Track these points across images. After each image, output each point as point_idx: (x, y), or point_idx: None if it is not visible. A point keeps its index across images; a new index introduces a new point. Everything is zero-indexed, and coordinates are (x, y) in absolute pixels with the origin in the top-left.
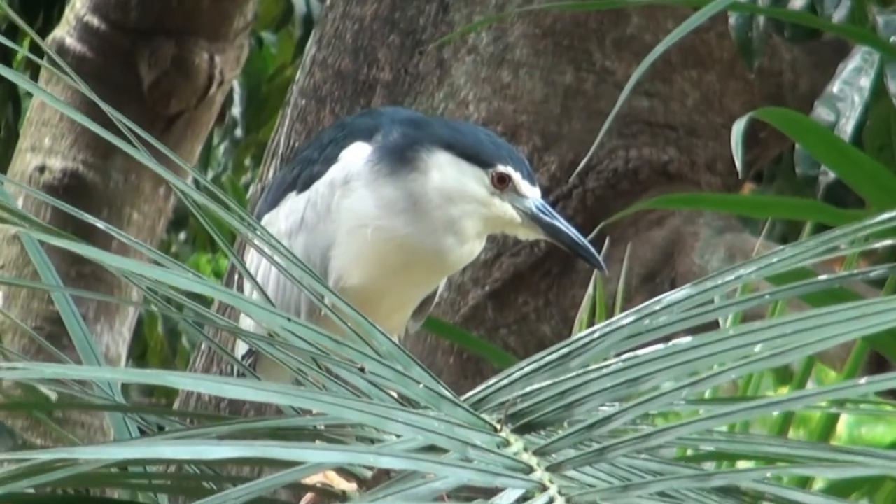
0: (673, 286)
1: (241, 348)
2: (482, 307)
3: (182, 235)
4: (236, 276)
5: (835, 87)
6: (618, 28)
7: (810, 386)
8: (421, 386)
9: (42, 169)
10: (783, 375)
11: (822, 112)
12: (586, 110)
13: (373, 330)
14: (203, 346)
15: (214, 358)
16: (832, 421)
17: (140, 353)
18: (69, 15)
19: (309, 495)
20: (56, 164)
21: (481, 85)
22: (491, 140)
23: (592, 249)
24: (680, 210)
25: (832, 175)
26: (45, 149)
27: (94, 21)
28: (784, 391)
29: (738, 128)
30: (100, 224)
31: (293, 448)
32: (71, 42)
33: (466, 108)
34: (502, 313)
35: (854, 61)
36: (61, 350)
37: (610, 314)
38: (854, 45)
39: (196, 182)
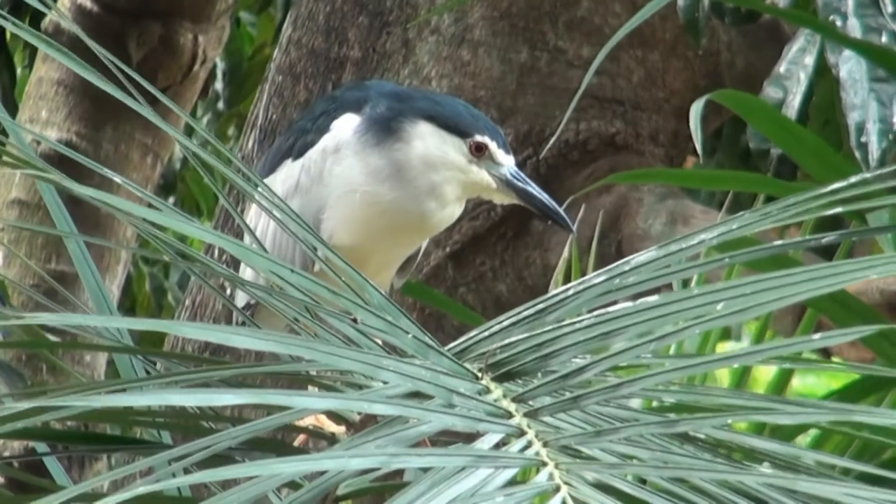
0: (619, 248)
1: (240, 299)
2: (443, 266)
3: (171, 200)
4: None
5: (781, 68)
6: (569, 10)
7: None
8: (410, 336)
9: (39, 140)
10: (724, 334)
11: (770, 91)
12: (539, 86)
13: (364, 283)
14: (187, 302)
15: (197, 313)
16: (786, 377)
17: (129, 307)
18: None
19: (301, 437)
20: (52, 134)
21: (443, 63)
22: (469, 112)
23: (562, 212)
24: None
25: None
26: (42, 121)
27: (87, 4)
28: (726, 346)
29: (696, 109)
30: (115, 176)
31: (291, 396)
32: (66, 23)
33: (429, 84)
34: (461, 272)
35: (798, 42)
36: (59, 305)
37: (567, 274)
38: (791, 27)
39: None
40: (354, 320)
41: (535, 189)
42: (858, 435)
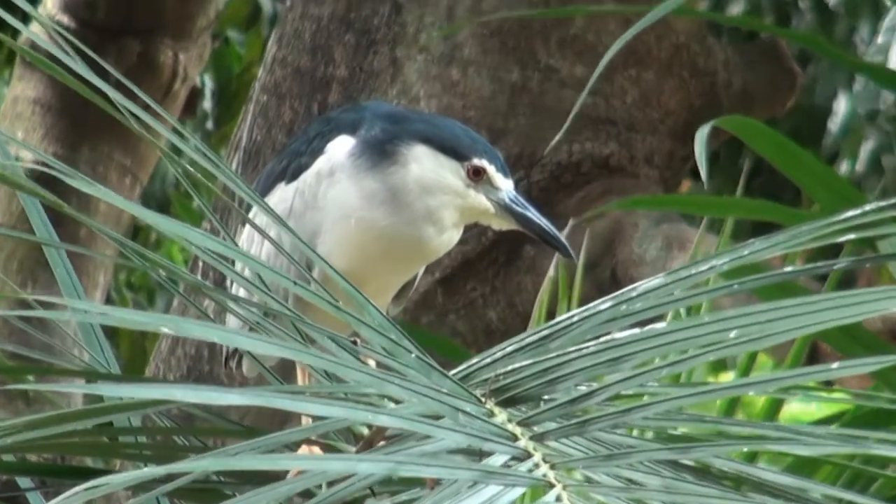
0: (614, 274)
1: (231, 322)
2: (432, 293)
3: None
4: (200, 263)
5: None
6: (561, 28)
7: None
8: (413, 356)
9: (16, 160)
10: (717, 365)
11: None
12: (531, 106)
13: (366, 303)
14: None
15: (179, 341)
16: (778, 403)
17: (110, 333)
18: (41, 14)
19: (295, 469)
20: (28, 155)
21: (432, 82)
22: (467, 134)
23: (562, 238)
24: (620, 201)
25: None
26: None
27: (65, 20)
28: (724, 378)
29: (701, 136)
30: (98, 190)
31: (297, 400)
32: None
33: (418, 104)
34: (451, 299)
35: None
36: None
37: (554, 300)
38: (791, 47)
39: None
40: (354, 342)
41: (534, 214)
42: (849, 465)
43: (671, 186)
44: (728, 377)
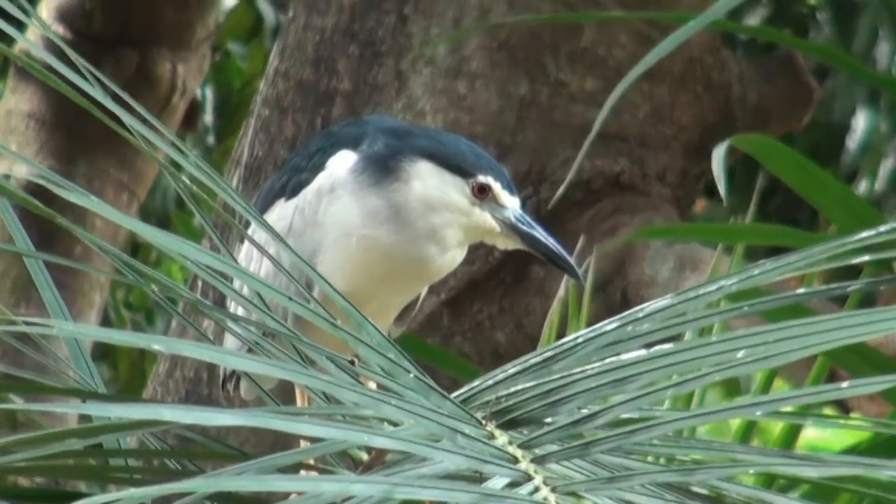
0: (625, 295)
1: (229, 341)
2: (438, 314)
3: None
4: (200, 283)
5: None
6: (572, 41)
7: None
8: (412, 375)
9: (8, 176)
10: (731, 389)
11: None
12: (540, 121)
13: (364, 322)
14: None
15: (178, 363)
16: (797, 429)
17: (104, 354)
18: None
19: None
20: (22, 170)
21: (438, 96)
22: (471, 150)
23: (570, 259)
24: (632, 221)
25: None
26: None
27: (60, 30)
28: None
29: (719, 156)
30: (105, 204)
31: (291, 420)
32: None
33: (423, 119)
34: (457, 320)
35: None
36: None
37: (564, 322)
38: (808, 59)
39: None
40: (352, 362)
41: (541, 233)
42: (867, 492)
43: (684, 205)
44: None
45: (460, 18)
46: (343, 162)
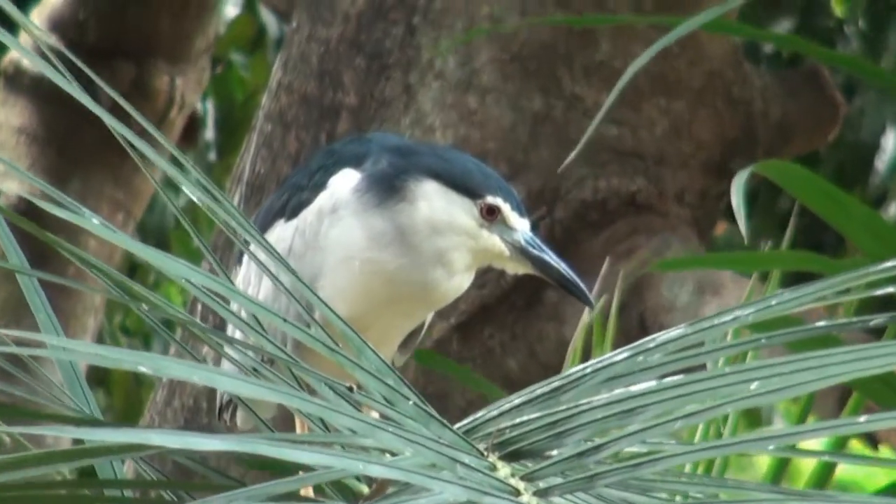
0: (642, 320)
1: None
2: (447, 340)
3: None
4: (199, 306)
5: None
6: (587, 53)
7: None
8: (411, 402)
9: None
10: (753, 420)
11: None
12: (555, 138)
13: (363, 347)
14: (164, 379)
15: (176, 390)
16: (830, 468)
17: (100, 380)
18: (26, 35)
19: None
20: (11, 188)
21: (448, 111)
22: (480, 170)
23: (581, 284)
24: (648, 243)
25: None
26: None
27: (52, 41)
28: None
29: (739, 185)
30: (88, 221)
31: (282, 447)
32: (28, 63)
33: (433, 135)
34: (468, 346)
35: None
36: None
37: (586, 349)
38: (833, 73)
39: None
40: (351, 388)
41: (552, 257)
42: None
43: (704, 226)
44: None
45: (471, 29)
46: (345, 181)
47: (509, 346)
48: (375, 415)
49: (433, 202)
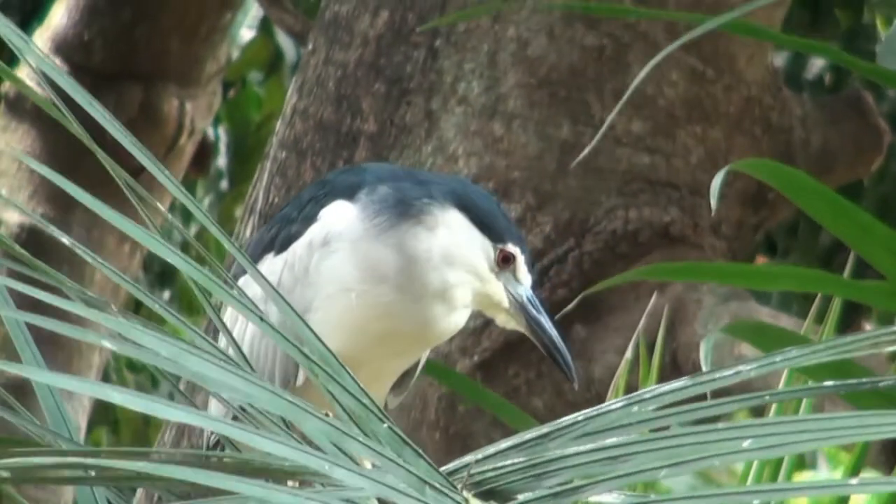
0: (674, 357)
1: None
2: (470, 378)
3: (167, 294)
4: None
5: None
6: (617, 78)
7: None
8: (385, 426)
9: None
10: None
11: None
12: (583, 167)
13: (340, 369)
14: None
15: (185, 430)
16: None
17: (110, 420)
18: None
19: None
20: (13, 217)
21: (472, 138)
22: (503, 213)
23: (569, 357)
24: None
25: None
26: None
27: (56, 63)
28: (798, 477)
29: (717, 181)
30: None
31: (243, 483)
32: (31, 85)
33: (456, 164)
34: (491, 385)
35: None
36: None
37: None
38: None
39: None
40: (327, 415)
41: (547, 322)
42: None
43: (740, 259)
44: (805, 476)
45: (496, 52)
46: (338, 212)
47: (535, 385)
48: (368, 465)
49: (455, 233)
